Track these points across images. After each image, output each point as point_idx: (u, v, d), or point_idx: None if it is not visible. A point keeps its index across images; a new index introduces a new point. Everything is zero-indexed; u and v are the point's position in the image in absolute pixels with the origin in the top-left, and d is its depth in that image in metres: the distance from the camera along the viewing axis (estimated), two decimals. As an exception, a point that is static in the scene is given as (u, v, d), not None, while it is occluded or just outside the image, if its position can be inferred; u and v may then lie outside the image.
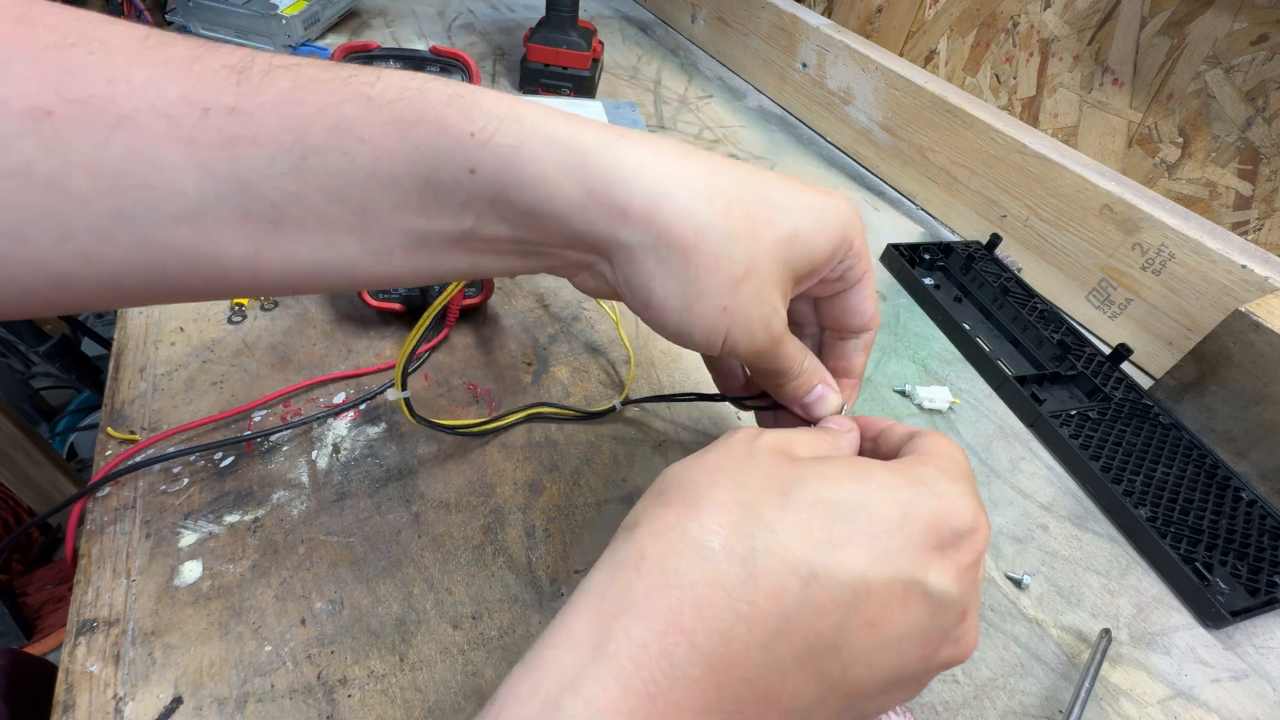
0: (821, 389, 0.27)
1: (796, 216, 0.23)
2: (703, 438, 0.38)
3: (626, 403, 0.38)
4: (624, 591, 0.17)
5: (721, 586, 0.16)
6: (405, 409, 0.31)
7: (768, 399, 0.30)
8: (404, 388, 0.30)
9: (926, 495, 0.19)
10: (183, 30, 0.70)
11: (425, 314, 0.29)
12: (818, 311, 0.29)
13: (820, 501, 0.18)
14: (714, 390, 0.33)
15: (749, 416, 0.38)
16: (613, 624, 0.16)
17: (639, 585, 0.17)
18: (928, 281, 0.53)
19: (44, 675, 0.39)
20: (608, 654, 0.16)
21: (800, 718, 0.17)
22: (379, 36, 0.77)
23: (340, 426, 0.35)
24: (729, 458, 0.20)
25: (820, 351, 0.29)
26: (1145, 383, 0.47)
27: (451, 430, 0.34)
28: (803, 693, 0.17)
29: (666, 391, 0.41)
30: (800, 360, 0.26)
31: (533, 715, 0.15)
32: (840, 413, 0.28)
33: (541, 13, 0.68)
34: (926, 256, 0.55)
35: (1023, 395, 0.44)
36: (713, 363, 0.32)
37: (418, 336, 0.29)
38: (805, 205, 0.23)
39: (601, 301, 0.45)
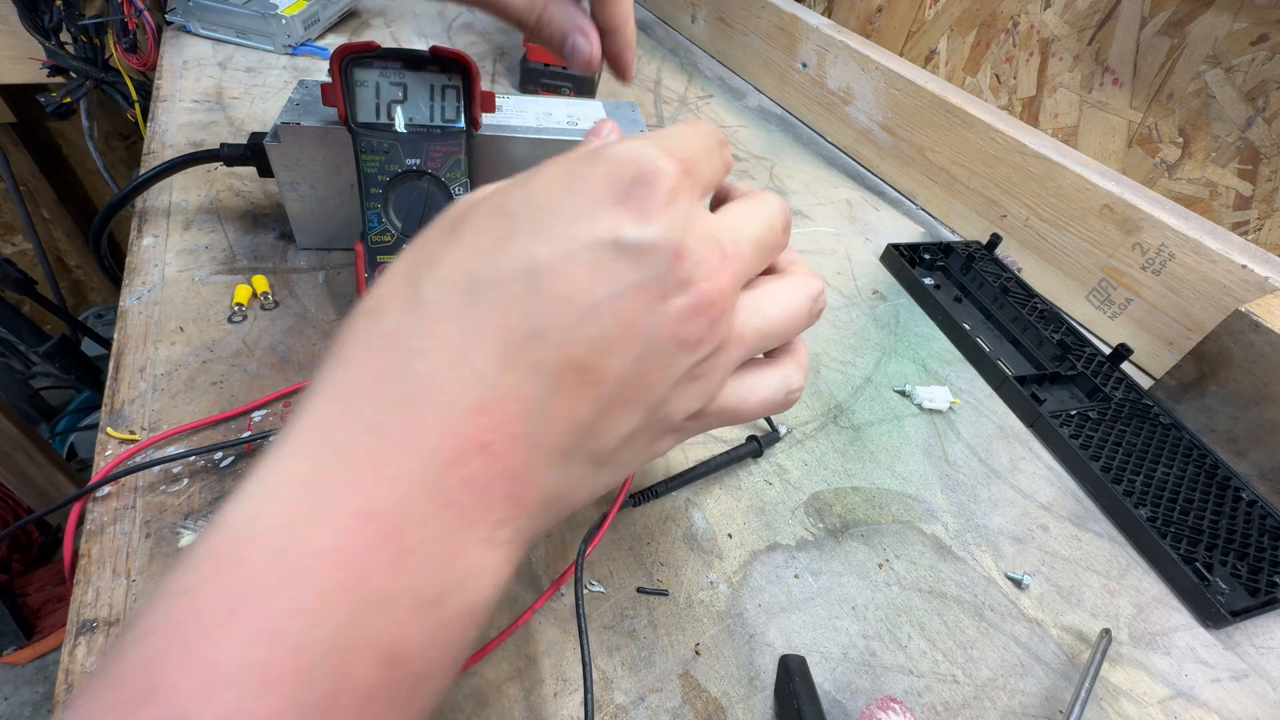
0: (574, 37, 0.28)
1: None
2: (704, 438, 0.38)
3: None
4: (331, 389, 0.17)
5: (392, 338, 0.16)
6: None
7: None
8: None
9: (594, 161, 0.17)
10: (182, 30, 0.70)
11: None
12: None
13: (492, 214, 0.17)
14: None
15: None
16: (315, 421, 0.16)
17: (324, 384, 0.17)
18: (928, 281, 0.53)
19: None
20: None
21: (545, 421, 0.16)
22: (379, 36, 0.77)
23: (340, 426, 0.35)
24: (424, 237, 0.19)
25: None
26: (1145, 383, 0.47)
27: None
28: (526, 389, 0.16)
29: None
30: None
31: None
32: (591, 59, 0.28)
33: (541, 13, 0.68)
34: (926, 256, 0.55)
35: (1023, 395, 0.44)
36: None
37: None
38: None
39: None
